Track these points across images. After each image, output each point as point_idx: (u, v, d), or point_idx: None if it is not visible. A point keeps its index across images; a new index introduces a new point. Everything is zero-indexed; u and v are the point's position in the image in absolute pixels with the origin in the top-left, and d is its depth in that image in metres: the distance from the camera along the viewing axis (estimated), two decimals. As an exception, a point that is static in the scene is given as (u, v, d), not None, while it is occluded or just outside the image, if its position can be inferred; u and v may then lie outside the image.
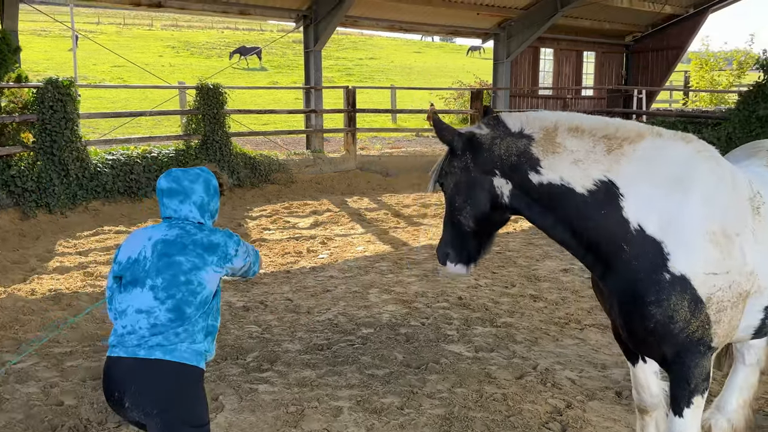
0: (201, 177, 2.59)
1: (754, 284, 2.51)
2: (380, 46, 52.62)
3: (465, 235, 2.71)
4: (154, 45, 42.49)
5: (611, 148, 2.50)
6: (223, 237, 2.54)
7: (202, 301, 2.45)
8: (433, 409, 3.88)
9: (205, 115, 11.54)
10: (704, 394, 2.59)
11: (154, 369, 2.35)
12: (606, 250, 2.49)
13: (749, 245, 2.48)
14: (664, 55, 20.28)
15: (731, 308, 2.44)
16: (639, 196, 2.45)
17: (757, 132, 11.77)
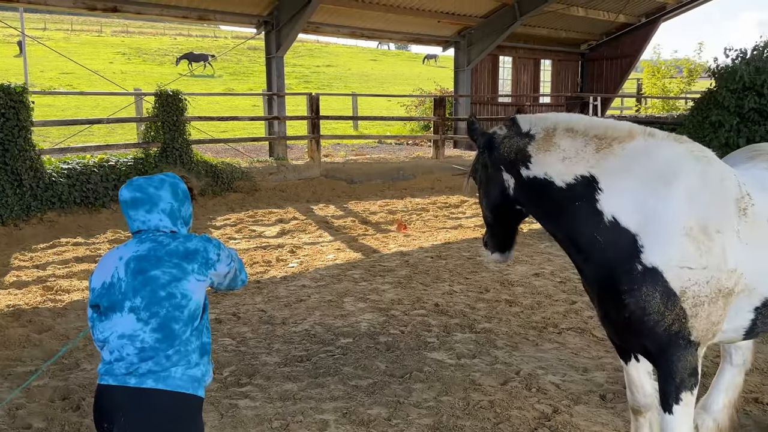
0: (166, 182, 2.39)
1: (739, 283, 2.56)
2: (336, 54, 52.57)
3: (492, 225, 3.02)
4: (104, 51, 41.37)
5: (600, 147, 2.63)
6: (201, 242, 2.33)
7: (191, 315, 2.25)
8: (422, 419, 3.81)
9: (164, 122, 11.25)
10: (693, 391, 2.62)
11: (145, 400, 2.16)
12: (582, 241, 2.63)
13: (731, 244, 2.53)
14: (618, 63, 20.87)
15: (709, 304, 2.49)
16: (617, 190, 2.56)
17: (710, 137, 12.16)
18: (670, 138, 2.70)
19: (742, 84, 11.81)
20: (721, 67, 12.29)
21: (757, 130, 11.74)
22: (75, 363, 4.65)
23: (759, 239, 2.60)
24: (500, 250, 3.06)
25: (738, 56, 12.27)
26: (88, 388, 4.18)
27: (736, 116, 11.93)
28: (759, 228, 2.61)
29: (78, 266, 7.43)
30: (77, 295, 6.33)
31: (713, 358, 4.62)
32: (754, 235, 2.59)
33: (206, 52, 39.43)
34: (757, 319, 2.72)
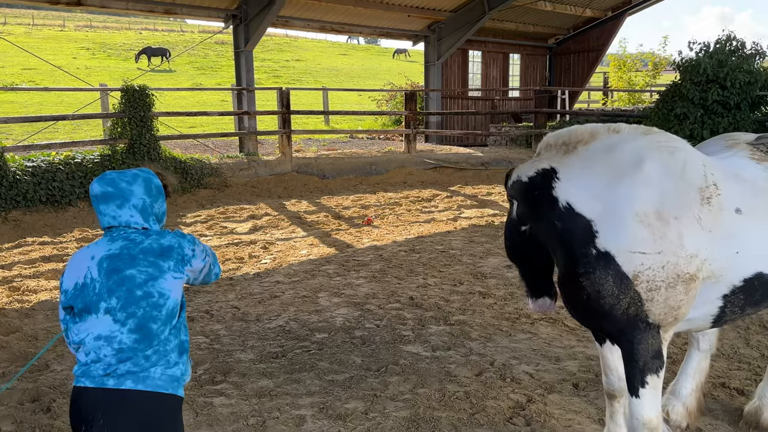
0: (139, 177, 2.31)
1: (703, 269, 2.62)
2: (306, 48, 52.23)
3: None
4: (67, 46, 40.42)
5: (567, 151, 2.81)
6: (175, 238, 2.28)
7: (169, 314, 2.20)
8: (398, 412, 3.83)
9: (131, 118, 11.04)
10: (659, 374, 2.68)
11: (124, 402, 2.11)
12: (544, 228, 2.77)
13: (690, 230, 2.58)
14: (585, 56, 21.15)
15: (666, 288, 2.54)
16: (574, 179, 2.69)
17: (675, 129, 12.43)
18: (636, 131, 2.80)
19: (706, 77, 12.10)
20: (685, 60, 12.57)
21: (720, 122, 12.04)
22: (45, 364, 4.55)
23: (725, 228, 2.65)
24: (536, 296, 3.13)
25: (701, 49, 12.57)
26: (58, 390, 4.10)
27: (700, 108, 12.22)
28: (725, 217, 2.66)
29: (45, 266, 7.27)
30: (45, 296, 6.20)
31: (681, 345, 4.74)
32: (719, 223, 2.64)
33: (166, 47, 38.73)
34: (725, 307, 2.79)
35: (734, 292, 2.74)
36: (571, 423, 3.70)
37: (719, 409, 3.83)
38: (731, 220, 2.67)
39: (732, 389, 4.08)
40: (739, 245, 2.67)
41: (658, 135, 2.81)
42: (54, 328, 5.28)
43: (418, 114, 16.01)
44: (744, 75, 11.92)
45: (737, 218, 2.68)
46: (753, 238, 2.69)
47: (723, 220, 2.66)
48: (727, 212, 2.68)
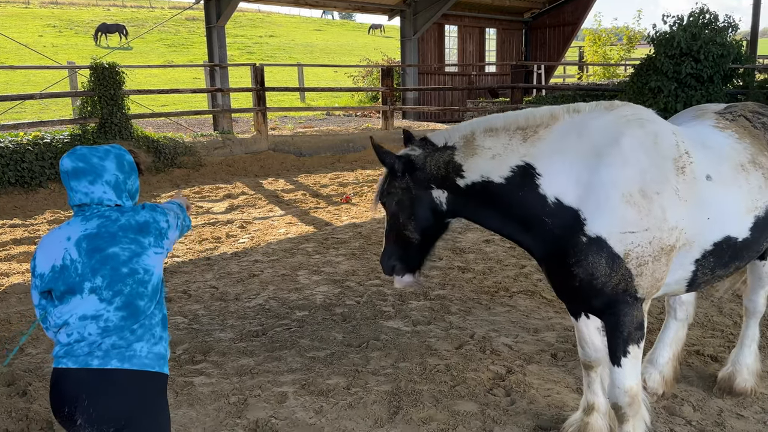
0: (111, 153, 2.25)
1: (680, 238, 2.67)
2: (279, 24, 51.38)
3: (411, 245, 2.91)
4: (32, 24, 39.20)
5: (527, 136, 2.72)
6: (149, 213, 2.25)
7: (155, 290, 2.20)
8: (380, 386, 3.85)
9: (101, 96, 10.79)
10: (640, 344, 2.74)
11: (110, 381, 2.07)
12: (531, 226, 2.71)
13: (671, 203, 2.62)
14: (561, 31, 21.15)
15: (653, 262, 2.59)
16: (556, 172, 2.64)
17: (650, 102, 12.52)
18: (598, 108, 2.77)
19: (680, 50, 12.16)
20: (659, 34, 12.61)
21: (694, 95, 12.15)
22: (19, 348, 4.47)
23: (698, 196, 2.70)
24: (412, 271, 3.01)
25: (675, 23, 12.62)
26: (34, 373, 4.03)
27: (674, 81, 12.30)
28: (698, 184, 2.71)
29: (16, 248, 7.11)
30: (17, 279, 6.07)
31: (658, 315, 4.83)
32: (693, 191, 2.69)
33: (135, 23, 37.71)
34: (698, 271, 2.85)
35: (705, 255, 2.80)
36: (550, 392, 3.75)
37: (694, 376, 3.91)
38: (703, 187, 2.72)
39: (706, 356, 4.18)
40: (710, 211, 2.73)
41: (622, 109, 2.78)
42: (27, 312, 5.19)
43: (395, 90, 15.89)
44: (717, 48, 12.00)
45: (708, 185, 2.72)
46: (722, 203, 2.75)
47: (696, 188, 2.70)
48: (700, 180, 2.72)
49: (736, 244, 2.83)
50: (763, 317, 4.65)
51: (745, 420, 3.42)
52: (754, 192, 2.82)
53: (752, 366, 3.62)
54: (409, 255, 2.95)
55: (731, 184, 2.78)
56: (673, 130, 2.82)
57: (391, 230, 2.96)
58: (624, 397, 2.78)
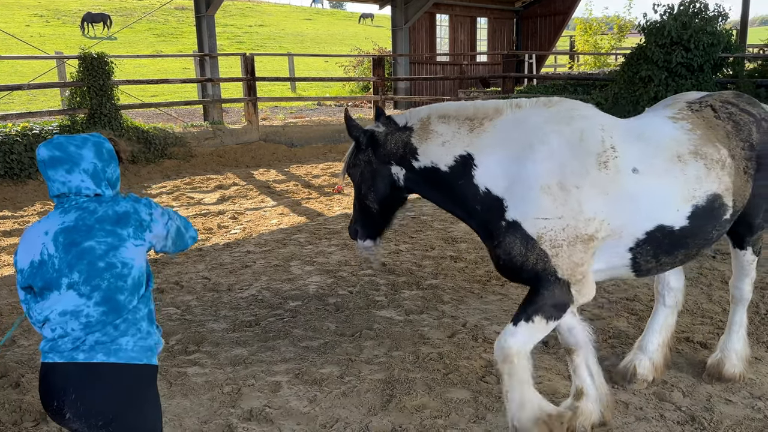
0: (89, 141, 2.19)
1: (600, 229, 2.81)
2: (269, 13, 51.01)
3: (371, 214, 3.20)
4: (19, 13, 38.71)
5: (473, 127, 2.94)
6: (129, 203, 2.18)
7: (135, 283, 2.13)
8: (373, 375, 3.87)
9: (90, 87, 10.70)
10: (548, 321, 2.85)
11: (96, 375, 2.05)
12: (470, 211, 2.98)
13: (589, 195, 2.78)
14: (552, 20, 21.14)
15: (568, 246, 2.78)
16: (490, 164, 2.88)
17: (640, 92, 12.56)
18: (538, 105, 2.98)
19: (670, 39, 12.19)
20: (650, 23, 12.63)
21: (684, 84, 12.19)
22: (11, 340, 4.46)
23: (622, 188, 2.80)
24: (372, 238, 3.28)
25: (666, 12, 12.63)
26: (27, 365, 4.03)
27: (664, 71, 12.34)
28: (622, 177, 2.81)
29: (6, 240, 7.08)
30: (8, 270, 6.04)
31: (648, 302, 4.87)
32: (616, 184, 2.80)
33: (123, 13, 37.30)
34: (637, 258, 2.96)
35: (639, 244, 2.90)
36: (541, 379, 3.78)
37: (683, 362, 3.96)
38: (628, 180, 2.82)
39: (695, 343, 4.22)
40: (637, 202, 2.82)
41: (559, 105, 2.96)
42: (19, 304, 5.16)
43: (386, 80, 15.84)
44: (707, 37, 12.04)
45: (635, 178, 2.82)
46: (651, 194, 2.84)
47: (620, 181, 2.81)
48: (625, 173, 2.82)
49: (674, 233, 2.90)
50: (752, 304, 4.71)
51: (734, 405, 3.47)
52: (691, 182, 2.89)
53: (741, 352, 3.67)
54: (370, 223, 3.23)
55: (663, 175, 2.87)
56: (605, 125, 2.92)
57: (356, 199, 3.25)
58: (499, 353, 2.89)
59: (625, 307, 4.88)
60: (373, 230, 3.26)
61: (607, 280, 3.02)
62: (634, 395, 3.58)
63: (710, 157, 2.95)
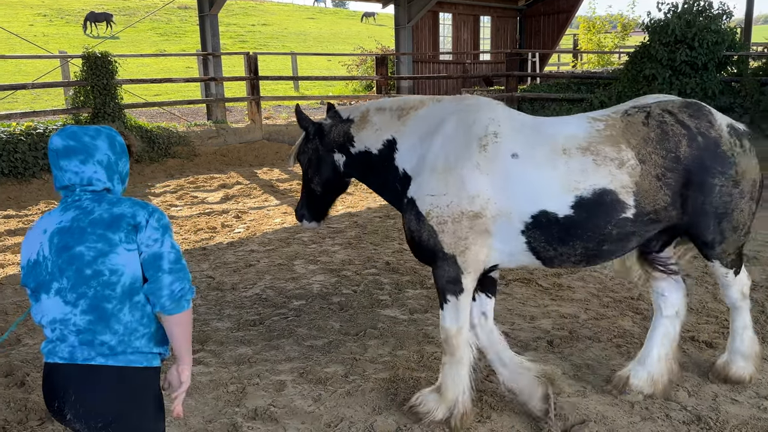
0: (103, 132, 2.13)
1: (486, 207, 3.04)
2: (272, 12, 51.01)
3: (316, 198, 3.64)
4: (22, 13, 38.77)
5: (401, 116, 3.35)
6: (129, 206, 2.07)
7: (125, 291, 2.01)
8: (378, 374, 3.87)
9: (94, 86, 10.71)
10: (458, 297, 3.17)
11: (96, 378, 2.01)
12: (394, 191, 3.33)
13: (471, 175, 3.04)
14: (555, 18, 21.08)
15: (452, 222, 3.05)
16: (407, 147, 3.27)
17: (644, 90, 12.53)
18: (453, 99, 3.35)
19: (674, 37, 12.16)
20: (654, 21, 12.60)
21: (688, 82, 12.17)
22: (16, 339, 4.47)
23: (501, 170, 3.03)
24: (317, 219, 3.75)
25: (670, 10, 12.60)
26: (32, 363, 4.03)
27: (668, 69, 12.31)
28: (500, 161, 3.04)
29: (11, 239, 7.09)
30: (12, 269, 6.05)
31: (652, 301, 4.85)
32: (495, 166, 3.04)
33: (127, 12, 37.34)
34: (532, 243, 3.09)
35: (528, 228, 3.06)
36: (547, 379, 3.77)
37: (689, 362, 3.94)
38: (507, 163, 3.03)
39: (701, 342, 4.21)
40: (517, 185, 3.02)
41: (468, 100, 3.30)
42: (23, 302, 5.18)
43: (389, 79, 15.84)
44: (711, 35, 12.01)
45: (513, 162, 3.02)
46: (530, 179, 3.01)
47: (499, 164, 3.03)
48: (503, 157, 3.04)
49: (559, 221, 3.01)
50: (758, 303, 4.69)
51: (740, 405, 3.46)
52: (574, 174, 3.00)
53: (747, 352, 3.62)
54: (314, 206, 3.68)
55: (544, 164, 3.02)
56: (496, 117, 3.17)
57: (303, 184, 3.67)
58: (441, 333, 3.30)
59: (630, 306, 4.87)
60: (317, 212, 3.70)
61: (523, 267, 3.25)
62: (640, 393, 3.56)
63: (604, 155, 3.02)
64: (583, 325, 4.55)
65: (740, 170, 3.15)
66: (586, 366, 3.93)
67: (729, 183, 3.13)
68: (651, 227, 3.13)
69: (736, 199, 3.17)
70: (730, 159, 3.12)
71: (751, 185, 3.22)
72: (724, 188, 3.12)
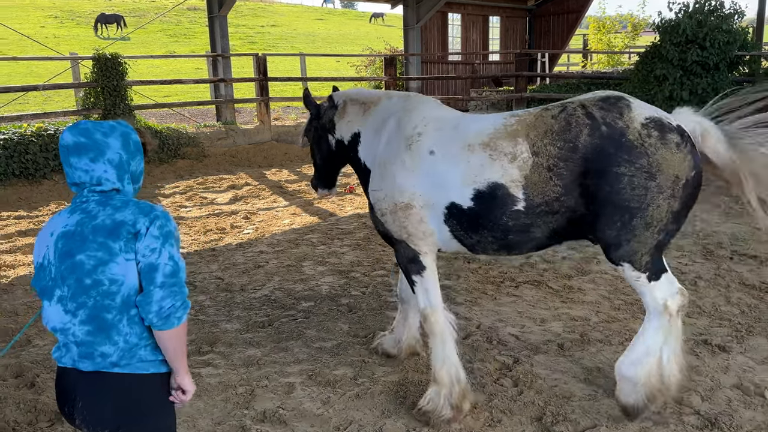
0: (117, 130, 2.06)
1: (414, 199, 3.31)
2: (281, 13, 51.14)
3: (321, 170, 4.06)
4: (34, 15, 39.10)
5: (365, 110, 3.70)
6: (132, 212, 1.99)
7: (125, 302, 1.96)
8: (387, 377, 3.85)
9: (104, 87, 10.77)
10: (421, 273, 3.43)
11: (101, 384, 1.98)
12: (362, 182, 3.68)
13: (399, 170, 3.35)
14: (565, 18, 20.98)
15: (390, 213, 3.40)
16: (366, 140, 3.62)
17: (655, 90, 12.44)
18: (401, 96, 3.66)
19: (685, 37, 12.06)
20: (665, 21, 12.50)
21: (699, 83, 12.07)
22: (27, 340, 4.48)
23: (422, 166, 3.30)
24: (327, 187, 4.14)
25: (681, 10, 12.50)
26: (42, 365, 4.04)
27: (679, 69, 12.21)
28: (421, 157, 3.31)
29: (22, 240, 7.13)
30: (23, 270, 6.08)
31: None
32: (417, 162, 3.31)
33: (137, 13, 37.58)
34: (453, 231, 3.31)
35: (447, 218, 3.28)
36: (557, 383, 3.75)
37: (701, 366, 3.90)
38: (426, 160, 3.30)
39: (714, 346, 4.16)
40: (433, 179, 3.27)
41: (410, 99, 3.61)
42: (34, 303, 5.20)
43: (398, 79, 15.81)
44: (723, 35, 11.90)
45: (431, 158, 3.29)
46: (442, 174, 3.25)
47: (420, 161, 3.31)
48: (423, 154, 3.31)
49: (465, 212, 3.21)
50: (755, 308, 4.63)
51: (754, 409, 3.41)
52: (474, 168, 3.16)
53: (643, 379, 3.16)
54: (324, 176, 4.09)
55: (452, 159, 3.23)
56: (427, 116, 3.43)
57: (312, 157, 4.07)
58: (420, 316, 3.59)
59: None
60: (327, 182, 4.11)
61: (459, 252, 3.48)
62: (651, 399, 3.52)
63: (500, 150, 3.12)
64: (594, 328, 4.51)
65: (654, 162, 2.92)
66: (597, 370, 3.89)
67: (641, 174, 2.92)
68: (550, 218, 3.08)
69: (652, 194, 2.93)
70: (638, 149, 2.93)
71: (672, 181, 2.95)
72: (636, 179, 2.92)
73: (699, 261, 5.88)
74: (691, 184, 3.02)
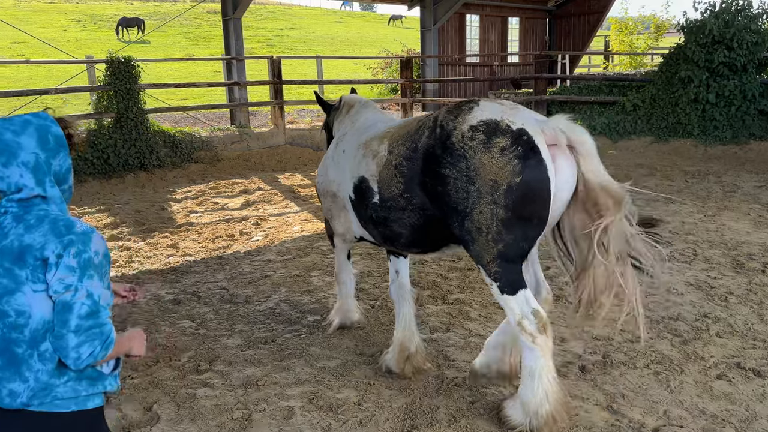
0: (31, 125, 1.79)
1: (339, 190, 3.83)
2: (300, 16, 51.22)
3: None
4: (57, 19, 39.59)
5: (348, 113, 4.24)
6: (43, 233, 1.73)
7: (35, 337, 1.73)
8: (394, 401, 3.60)
9: (117, 90, 10.66)
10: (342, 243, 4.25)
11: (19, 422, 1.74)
12: None
13: (331, 167, 3.93)
14: (586, 19, 20.57)
15: (323, 198, 4.05)
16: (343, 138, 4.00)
17: (679, 93, 12.04)
18: (367, 103, 4.27)
19: (712, 38, 11.66)
20: (690, 22, 12.11)
21: (726, 85, 11.66)
22: None
23: (339, 161, 3.83)
24: None
25: (707, 9, 12.10)
26: None
27: (705, 71, 11.81)
28: (339, 154, 3.86)
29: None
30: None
31: (692, 321, 4.48)
32: (337, 159, 3.87)
33: (158, 17, 37.90)
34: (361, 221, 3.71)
35: (350, 206, 3.77)
36: (577, 410, 3.47)
37: (735, 393, 3.59)
38: (341, 156, 3.83)
39: (747, 369, 3.84)
40: (343, 173, 3.76)
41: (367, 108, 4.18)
42: None
43: (414, 82, 15.55)
44: (751, 35, 11.48)
45: (342, 155, 3.81)
46: (345, 169, 3.73)
47: (338, 157, 3.86)
48: (339, 152, 3.87)
49: (353, 202, 3.68)
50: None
51: (795, 445, 3.10)
52: (356, 164, 3.61)
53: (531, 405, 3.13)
54: None
55: (350, 156, 3.71)
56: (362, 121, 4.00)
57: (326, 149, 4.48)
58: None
59: (668, 328, 4.52)
60: None
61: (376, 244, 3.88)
62: (681, 428, 3.23)
63: (370, 149, 3.54)
64: (617, 349, 4.21)
65: (473, 166, 2.87)
66: (621, 396, 3.60)
67: (462, 177, 2.91)
68: (403, 214, 3.30)
69: (473, 198, 2.88)
70: (458, 151, 2.93)
71: (492, 187, 2.82)
72: (459, 182, 2.92)
73: (729, 274, 5.54)
74: (517, 191, 2.80)
